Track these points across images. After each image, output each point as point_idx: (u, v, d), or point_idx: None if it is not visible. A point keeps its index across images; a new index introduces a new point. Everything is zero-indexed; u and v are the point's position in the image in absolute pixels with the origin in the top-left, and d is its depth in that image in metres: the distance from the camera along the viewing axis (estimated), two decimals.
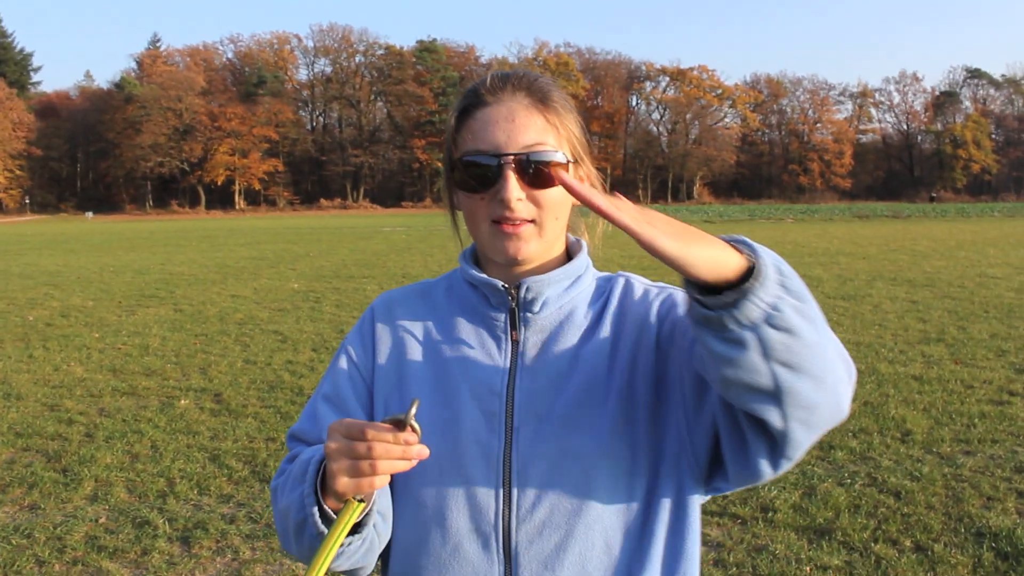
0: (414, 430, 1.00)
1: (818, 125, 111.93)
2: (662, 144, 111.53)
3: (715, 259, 0.90)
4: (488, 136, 1.17)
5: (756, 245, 0.96)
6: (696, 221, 46.76)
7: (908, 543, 4.17)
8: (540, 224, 1.19)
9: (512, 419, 1.20)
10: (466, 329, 1.27)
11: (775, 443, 1.04)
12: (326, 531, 1.08)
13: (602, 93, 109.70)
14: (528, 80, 1.22)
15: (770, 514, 4.53)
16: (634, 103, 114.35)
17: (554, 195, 1.18)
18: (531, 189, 1.16)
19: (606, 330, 1.24)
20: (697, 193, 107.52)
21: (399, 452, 0.99)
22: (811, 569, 3.95)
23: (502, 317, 1.25)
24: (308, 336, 10.23)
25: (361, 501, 1.04)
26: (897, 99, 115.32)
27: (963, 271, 16.60)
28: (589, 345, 1.23)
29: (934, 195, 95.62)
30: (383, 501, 1.17)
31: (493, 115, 1.18)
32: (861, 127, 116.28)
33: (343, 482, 1.01)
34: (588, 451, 1.17)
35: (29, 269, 20.99)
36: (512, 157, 1.15)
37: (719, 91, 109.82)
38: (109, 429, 6.40)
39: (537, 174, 1.16)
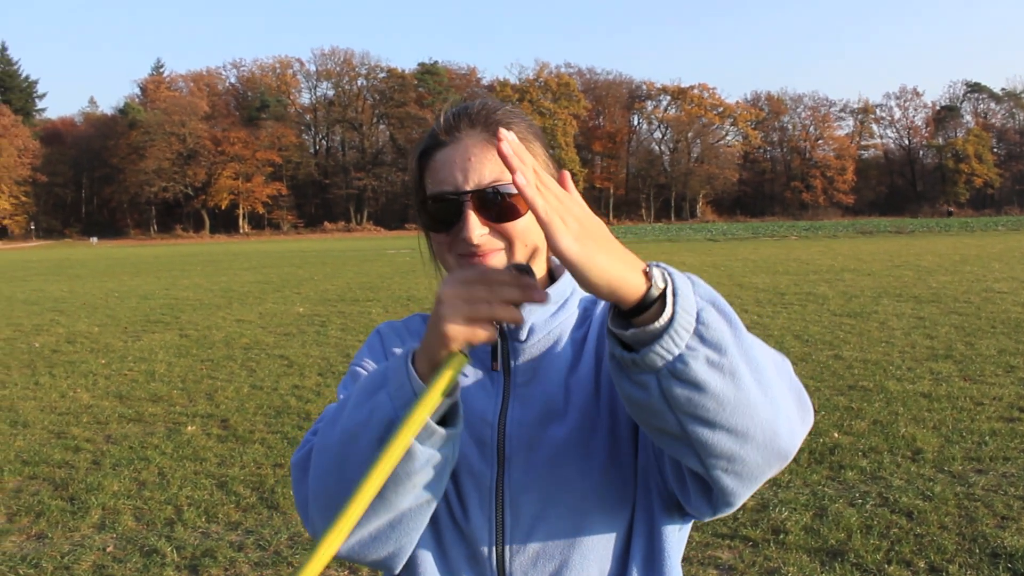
0: (531, 274, 0.98)
1: (820, 141, 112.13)
2: (664, 163, 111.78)
3: (613, 276, 0.87)
4: (447, 176, 1.17)
5: (680, 281, 0.91)
6: (700, 239, 46.77)
7: (922, 564, 4.13)
8: (510, 253, 1.18)
9: (504, 449, 1.19)
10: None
11: (708, 488, 1.03)
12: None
13: (604, 113, 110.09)
14: (484, 114, 1.21)
15: (781, 536, 4.49)
16: (636, 122, 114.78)
17: (521, 226, 1.17)
18: (494, 224, 1.16)
19: (591, 357, 1.23)
20: (700, 211, 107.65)
21: (519, 294, 0.95)
22: None
23: (489, 348, 1.24)
24: (314, 360, 10.22)
25: (466, 356, 0.96)
26: (898, 114, 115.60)
27: (969, 286, 16.55)
28: (577, 373, 1.23)
29: (951, 210, 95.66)
30: (458, 444, 1.09)
31: (450, 155, 1.18)
32: (863, 143, 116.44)
33: (455, 326, 0.94)
34: (580, 482, 1.16)
35: (35, 295, 21.02)
36: (470, 194, 1.15)
37: (720, 109, 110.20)
38: (116, 456, 6.38)
39: (498, 208, 1.15)
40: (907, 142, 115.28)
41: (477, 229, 1.14)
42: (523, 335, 1.23)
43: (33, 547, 4.71)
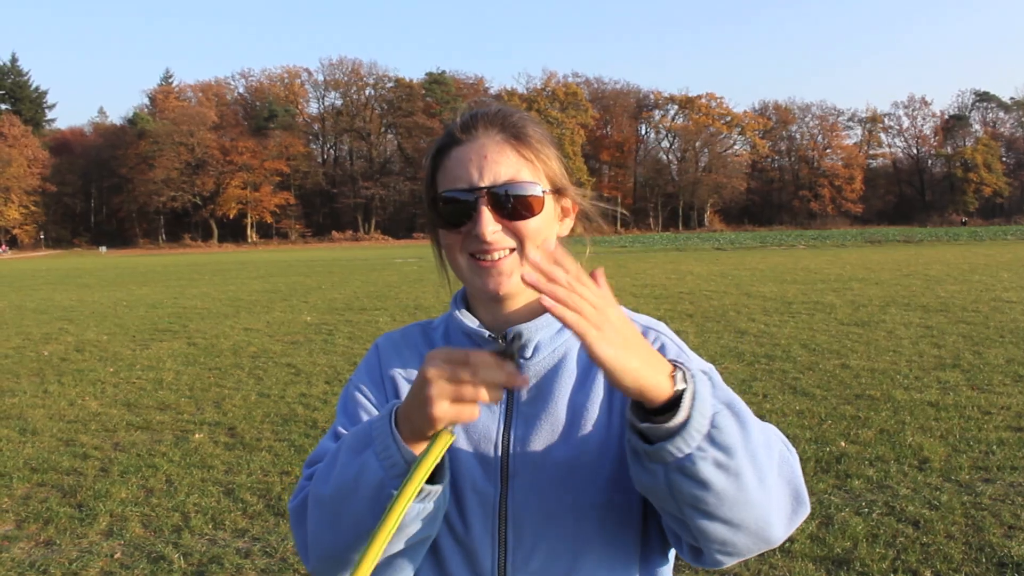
0: (514, 361, 1.00)
1: (828, 151, 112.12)
2: (672, 172, 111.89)
3: (644, 380, 0.93)
4: (462, 173, 1.18)
5: (701, 385, 0.97)
6: (708, 248, 46.73)
7: (928, 573, 4.12)
8: (522, 254, 1.18)
9: (508, 468, 1.19)
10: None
11: (696, 554, 1.08)
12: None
13: (611, 122, 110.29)
14: (501, 116, 1.23)
15: (787, 544, 4.48)
16: (643, 132, 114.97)
17: (534, 226, 1.18)
18: (508, 222, 1.17)
19: (599, 379, 1.22)
20: (708, 220, 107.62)
21: (503, 379, 0.98)
22: None
23: None
24: (321, 369, 10.24)
25: (452, 434, 1.01)
26: (907, 123, 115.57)
27: (977, 295, 16.51)
28: (584, 392, 1.21)
29: (965, 220, 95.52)
30: (448, 490, 1.15)
31: (466, 153, 1.19)
32: (871, 152, 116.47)
33: (442, 407, 0.97)
34: (583, 504, 1.17)
35: (44, 304, 21.12)
36: (485, 191, 1.16)
37: (728, 118, 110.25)
38: (124, 464, 6.41)
39: (513, 207, 1.16)
40: (916, 151, 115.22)
41: (490, 226, 1.15)
42: (528, 352, 1.22)
43: (41, 553, 4.73)
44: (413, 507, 1.04)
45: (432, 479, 1.07)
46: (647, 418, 0.96)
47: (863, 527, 4.68)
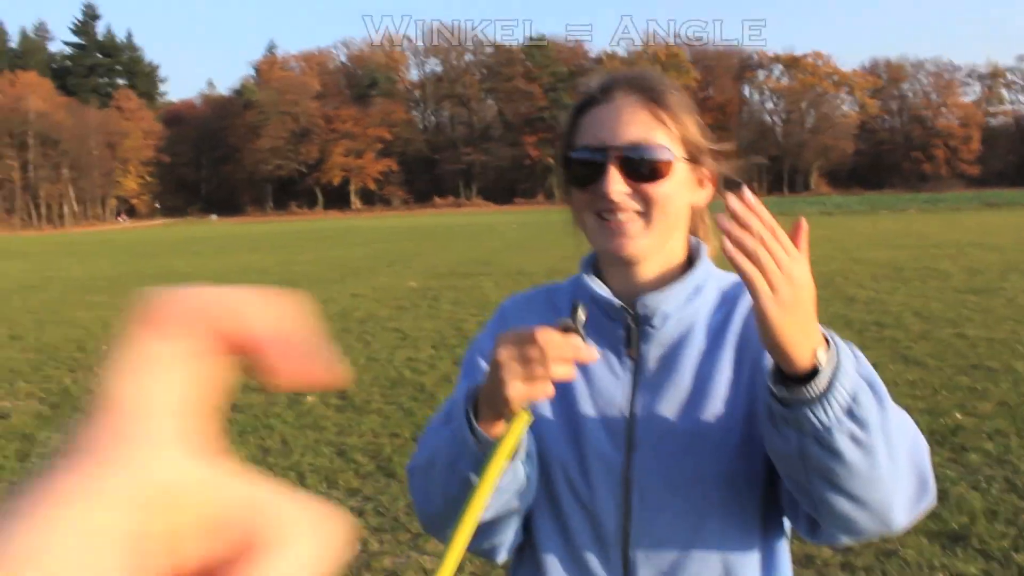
0: (580, 334, 1.02)
1: (943, 109, 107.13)
2: (777, 134, 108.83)
3: (794, 348, 0.94)
4: (595, 132, 1.20)
5: (845, 357, 0.98)
6: (814, 212, 45.46)
7: None
8: (648, 218, 1.18)
9: (633, 436, 1.20)
10: (589, 341, 1.29)
11: (813, 528, 1.10)
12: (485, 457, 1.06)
13: (713, 84, 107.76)
14: (640, 79, 1.23)
15: None
16: (747, 93, 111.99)
17: (663, 190, 1.18)
18: (637, 183, 1.17)
19: (730, 346, 1.22)
20: (814, 184, 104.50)
21: (570, 352, 1.00)
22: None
23: (621, 332, 1.25)
24: (427, 334, 10.44)
25: (529, 414, 1.03)
26: None
27: None
28: (711, 362, 1.22)
29: None
30: (532, 444, 1.18)
31: (602, 113, 1.21)
32: (991, 110, 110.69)
33: (515, 388, 1.00)
34: (706, 474, 1.17)
35: (163, 271, 22.09)
36: (614, 150, 1.17)
37: (835, 78, 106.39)
38: (242, 424, 6.70)
39: (642, 168, 1.17)
40: None
41: (616, 184, 1.16)
42: (657, 322, 1.23)
43: None
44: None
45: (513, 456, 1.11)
46: (787, 383, 0.97)
47: (981, 503, 4.54)
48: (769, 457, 1.15)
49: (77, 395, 7.91)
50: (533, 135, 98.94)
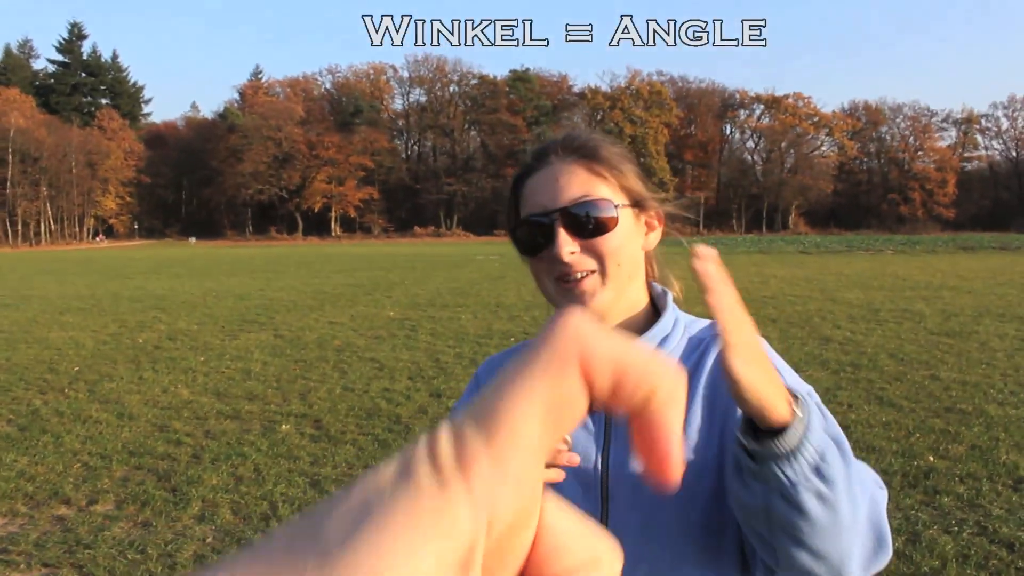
0: (564, 440, 1.03)
1: (920, 153, 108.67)
2: (757, 173, 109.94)
3: (767, 401, 0.92)
4: (537, 199, 1.22)
5: (815, 417, 0.98)
6: (792, 251, 45.83)
7: None
8: (604, 273, 1.20)
9: (607, 489, 1.21)
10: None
11: (769, 573, 1.10)
12: None
13: (695, 122, 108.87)
14: (571, 139, 1.25)
15: None
16: (728, 131, 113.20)
17: (613, 242, 1.19)
18: (586, 240, 1.19)
19: (702, 394, 1.22)
20: (793, 223, 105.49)
21: (550, 457, 1.01)
22: None
23: None
24: (404, 364, 10.41)
25: None
26: (1005, 124, 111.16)
27: None
28: (692, 413, 1.21)
29: None
30: None
31: (541, 179, 1.23)
32: (966, 154, 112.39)
33: None
34: (682, 523, 1.17)
35: (139, 293, 21.91)
36: (558, 212, 1.19)
37: (815, 119, 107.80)
38: (215, 451, 6.63)
39: (587, 224, 1.18)
40: (1015, 153, 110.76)
41: (567, 246, 1.18)
42: None
43: (139, 534, 4.94)
44: None
45: None
46: (758, 436, 0.98)
47: (953, 546, 4.56)
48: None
49: (46, 417, 7.81)
50: (515, 167, 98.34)
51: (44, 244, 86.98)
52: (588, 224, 1.18)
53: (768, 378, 0.94)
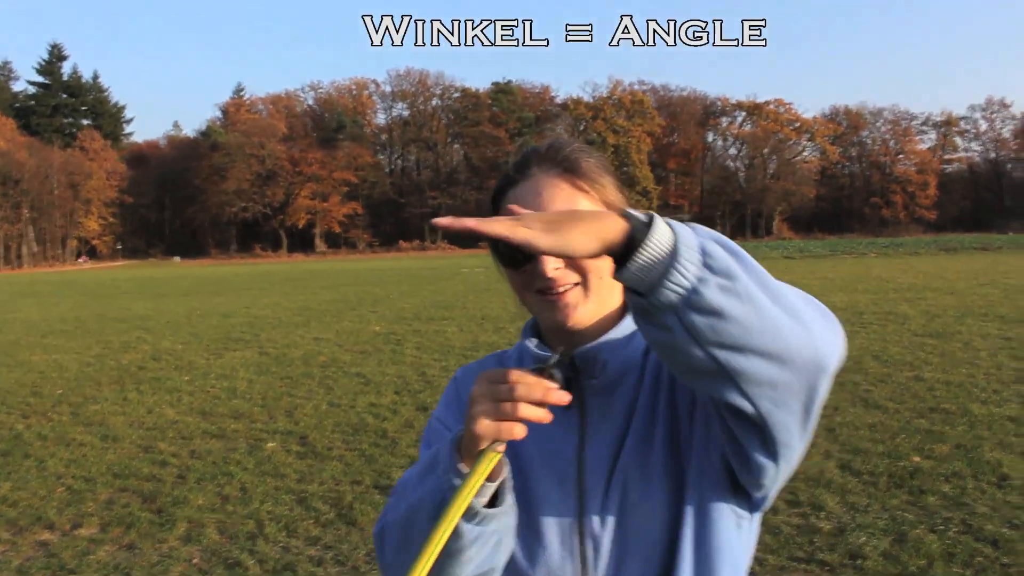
0: (553, 377, 1.03)
1: (900, 156, 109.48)
2: (739, 179, 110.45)
3: (591, 233, 0.92)
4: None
5: (676, 223, 0.94)
6: (777, 257, 46.03)
7: None
8: (586, 286, 1.21)
9: (584, 484, 1.22)
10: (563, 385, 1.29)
11: (760, 430, 1.02)
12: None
13: (678, 130, 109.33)
14: (554, 151, 1.25)
15: (859, 561, 4.42)
16: (710, 139, 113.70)
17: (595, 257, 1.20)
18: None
19: (651, 374, 1.26)
20: (776, 228, 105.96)
21: (540, 394, 1.01)
22: None
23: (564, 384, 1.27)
24: (390, 379, 10.38)
25: (497, 452, 1.04)
26: (984, 127, 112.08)
27: None
28: (651, 400, 1.24)
29: None
30: (511, 494, 1.16)
31: (522, 192, 1.23)
32: (946, 157, 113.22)
33: (484, 424, 1.02)
34: (647, 502, 1.19)
35: (122, 313, 21.80)
36: None
37: (797, 124, 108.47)
38: (200, 471, 6.59)
39: None
40: (994, 155, 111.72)
41: (552, 263, 1.18)
42: (595, 371, 1.25)
43: (125, 557, 4.90)
44: (469, 529, 1.08)
45: (492, 503, 1.11)
46: (622, 265, 0.94)
47: (939, 545, 4.58)
48: (696, 444, 1.18)
49: (29, 441, 7.74)
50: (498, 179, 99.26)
51: (26, 267, 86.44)
52: None
53: (583, 223, 0.93)
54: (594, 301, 1.23)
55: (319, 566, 4.66)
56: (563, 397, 1.03)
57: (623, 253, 0.94)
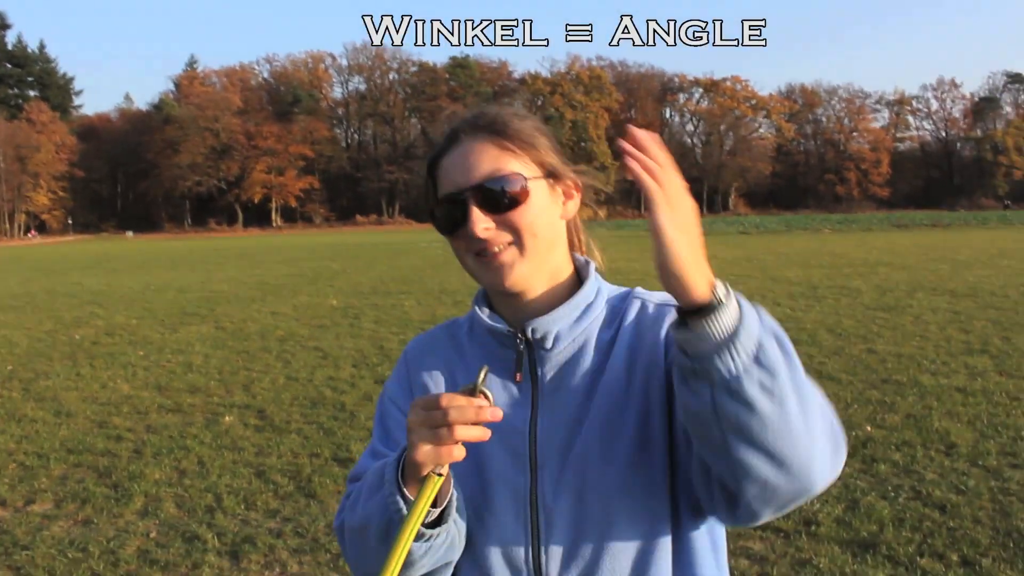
0: (485, 396, 1.04)
1: (854, 134, 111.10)
2: (696, 156, 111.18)
3: (688, 270, 0.95)
4: (451, 179, 1.22)
5: (746, 304, 0.98)
6: (732, 232, 46.49)
7: (955, 557, 4.14)
8: (521, 246, 1.21)
9: (536, 457, 1.22)
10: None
11: (733, 500, 1.06)
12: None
13: (635, 106, 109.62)
14: (479, 117, 1.25)
15: (813, 527, 4.51)
16: (668, 115, 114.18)
17: (526, 215, 1.20)
18: (500, 215, 1.19)
19: (620, 357, 1.24)
20: (732, 204, 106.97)
21: (473, 415, 1.02)
22: None
23: (514, 357, 1.27)
24: (348, 352, 10.34)
25: (440, 475, 1.06)
26: (935, 106, 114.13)
27: (1006, 280, 16.35)
28: (605, 375, 1.24)
29: (1008, 203, 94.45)
30: (457, 496, 1.17)
31: (451, 160, 1.23)
32: (899, 135, 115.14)
33: (423, 451, 1.04)
34: (608, 484, 1.19)
35: (74, 288, 21.40)
36: (470, 190, 1.19)
37: (753, 102, 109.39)
38: (156, 445, 6.52)
39: (501, 199, 1.19)
40: (944, 134, 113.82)
41: (481, 223, 1.18)
42: (548, 343, 1.25)
43: (80, 532, 4.84)
44: (418, 546, 1.11)
45: (439, 521, 1.12)
46: (688, 322, 0.97)
47: (889, 511, 4.69)
48: (671, 459, 1.18)
49: None
50: None
51: None
52: (501, 199, 1.19)
53: (695, 249, 0.96)
54: (531, 261, 1.22)
55: (278, 538, 4.64)
56: (496, 414, 1.04)
57: (690, 310, 0.97)
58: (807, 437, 0.99)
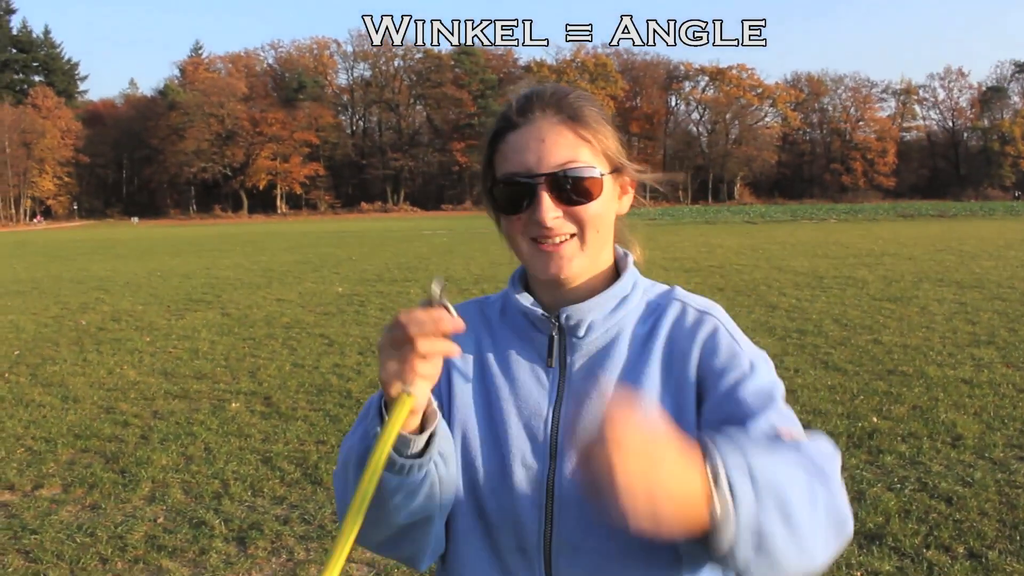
0: (446, 308, 1.03)
1: (861, 123, 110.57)
2: (702, 144, 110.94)
3: (678, 523, 0.91)
4: (520, 158, 1.18)
5: (740, 505, 0.93)
6: (738, 221, 46.38)
7: (961, 549, 4.14)
8: (583, 239, 1.20)
9: (556, 444, 1.21)
10: (516, 352, 1.28)
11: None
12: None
13: (641, 94, 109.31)
14: (557, 97, 1.22)
15: None
16: (673, 103, 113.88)
17: (594, 210, 1.19)
18: (567, 207, 1.18)
19: (655, 358, 1.23)
20: (738, 193, 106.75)
21: (431, 326, 1.00)
22: (862, 574, 3.94)
23: (547, 342, 1.26)
24: (354, 340, 10.35)
25: (409, 395, 1.04)
26: (942, 95, 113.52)
27: (1013, 271, 16.31)
28: (637, 371, 1.22)
29: (1018, 194, 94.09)
30: (444, 444, 1.15)
31: (524, 137, 1.19)
32: (905, 125, 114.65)
33: (388, 370, 1.03)
34: None
35: (80, 274, 21.44)
36: (544, 177, 1.16)
37: (759, 90, 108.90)
38: (163, 431, 6.54)
39: (572, 191, 1.17)
40: (951, 124, 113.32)
41: (551, 212, 1.16)
42: (581, 331, 1.24)
43: (88, 517, 4.87)
44: (389, 478, 1.08)
45: (422, 454, 1.10)
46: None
47: (895, 503, 4.69)
48: None
49: None
50: (461, 141, 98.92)
51: None
52: (574, 191, 1.17)
53: (673, 508, 0.90)
54: (588, 255, 1.22)
55: (285, 525, 4.66)
56: (457, 324, 1.02)
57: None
58: (810, 555, 1.00)
